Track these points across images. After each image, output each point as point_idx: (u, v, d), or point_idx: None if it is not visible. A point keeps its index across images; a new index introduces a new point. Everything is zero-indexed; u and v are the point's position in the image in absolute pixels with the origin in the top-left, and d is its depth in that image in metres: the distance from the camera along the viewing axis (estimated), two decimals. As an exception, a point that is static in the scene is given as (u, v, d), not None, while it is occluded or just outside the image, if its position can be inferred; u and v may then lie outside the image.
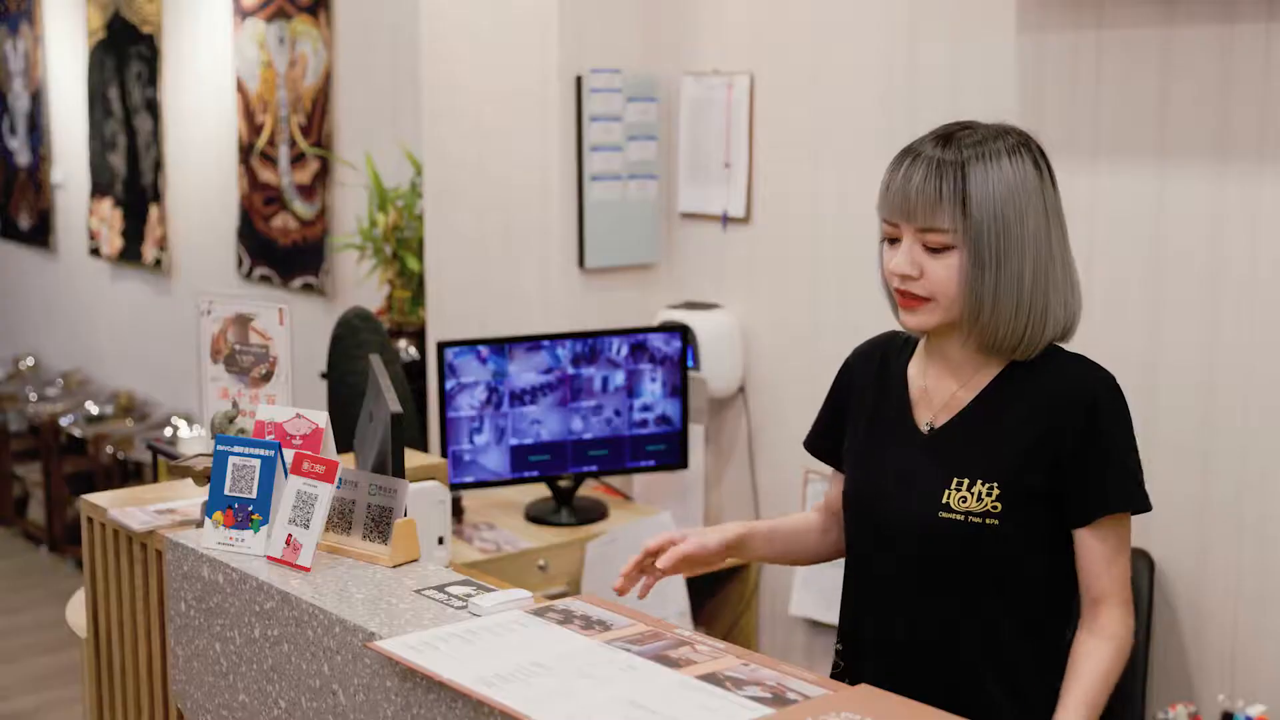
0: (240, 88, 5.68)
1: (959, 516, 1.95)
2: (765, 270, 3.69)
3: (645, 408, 3.57)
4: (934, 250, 1.95)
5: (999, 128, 2.00)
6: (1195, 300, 2.87)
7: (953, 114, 3.21)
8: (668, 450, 3.60)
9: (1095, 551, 1.94)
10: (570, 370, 3.50)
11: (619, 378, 3.55)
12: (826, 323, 3.54)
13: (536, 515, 3.58)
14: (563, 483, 3.60)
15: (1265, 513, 2.81)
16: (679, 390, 3.58)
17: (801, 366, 3.62)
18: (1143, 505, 1.97)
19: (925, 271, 1.96)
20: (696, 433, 3.64)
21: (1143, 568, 2.90)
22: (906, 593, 2.01)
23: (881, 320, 3.40)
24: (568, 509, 3.57)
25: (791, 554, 2.27)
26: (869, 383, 2.16)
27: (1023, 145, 1.99)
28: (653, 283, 3.90)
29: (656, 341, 3.56)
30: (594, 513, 3.59)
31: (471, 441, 3.45)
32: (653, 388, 3.57)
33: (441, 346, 3.43)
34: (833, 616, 3.56)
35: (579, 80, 3.69)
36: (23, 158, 7.50)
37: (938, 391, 2.05)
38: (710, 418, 3.79)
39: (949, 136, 1.98)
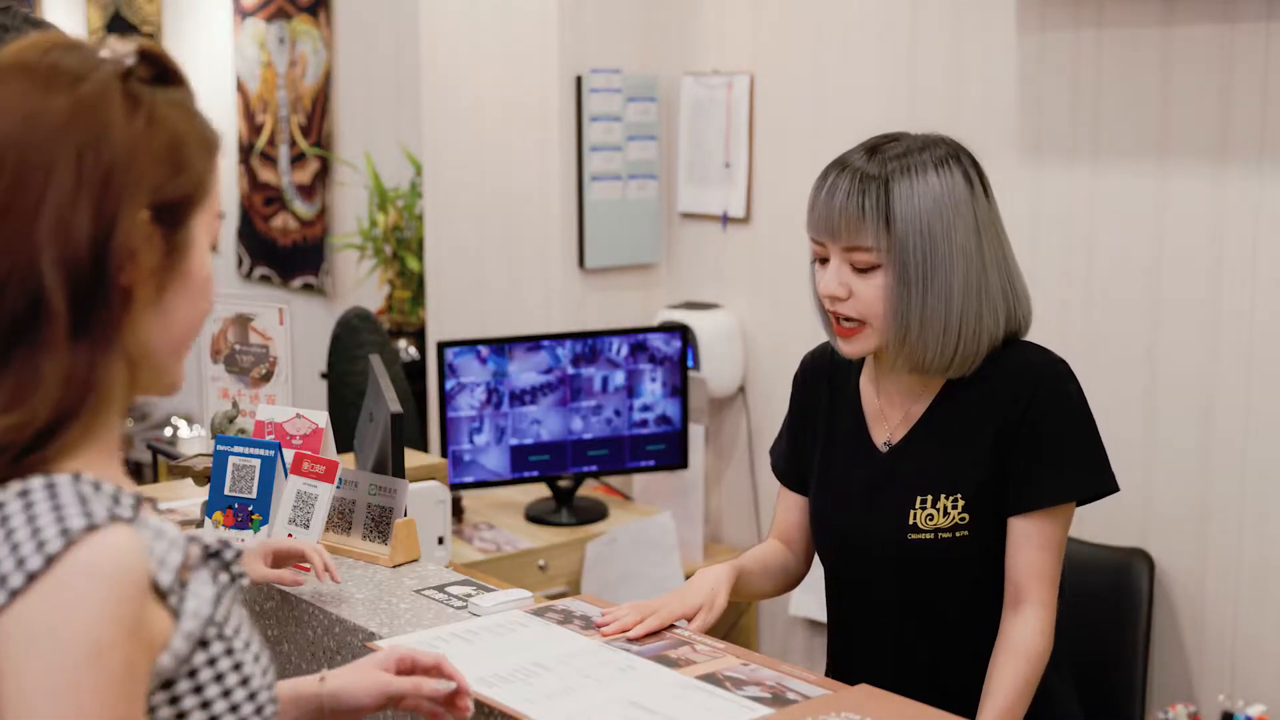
0: (240, 88, 5.68)
1: (928, 535, 1.89)
2: (765, 270, 3.69)
3: (645, 408, 3.57)
4: (861, 270, 1.88)
5: (927, 138, 1.93)
6: (1195, 300, 2.87)
7: (953, 114, 3.22)
8: (668, 450, 3.60)
9: (1020, 546, 1.87)
10: (570, 370, 3.50)
11: (619, 378, 3.54)
12: (826, 323, 3.54)
13: (536, 515, 3.58)
14: (563, 483, 3.60)
15: (1265, 513, 2.81)
16: (679, 390, 3.58)
17: (801, 366, 3.62)
18: (1089, 492, 1.89)
19: (854, 292, 1.89)
20: (696, 433, 3.64)
21: (1143, 568, 2.90)
22: (888, 617, 1.97)
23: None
24: (568, 509, 3.57)
25: (777, 588, 2.19)
26: (822, 398, 2.08)
27: (951, 157, 1.91)
28: (653, 283, 3.90)
29: (656, 341, 3.56)
30: (594, 513, 3.59)
31: (471, 441, 3.45)
32: (653, 388, 3.57)
33: (441, 346, 3.43)
34: (833, 616, 3.56)
35: (579, 80, 3.69)
36: (23, 158, 7.51)
37: (891, 409, 1.98)
38: (710, 418, 3.79)
39: (874, 149, 1.91)
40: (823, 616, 3.59)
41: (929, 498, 1.90)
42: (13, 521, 1.01)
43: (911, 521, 1.90)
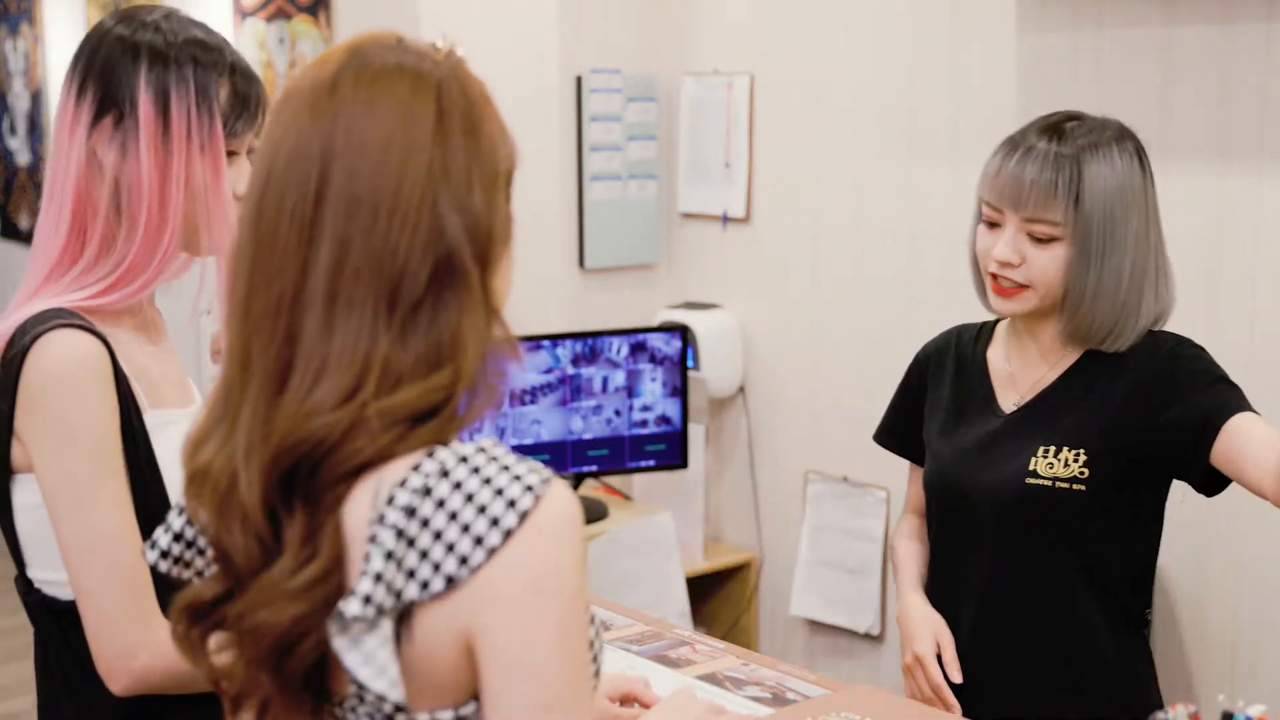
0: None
1: (1046, 482, 1.96)
2: (765, 270, 3.69)
3: (645, 408, 3.57)
4: (1039, 240, 1.96)
5: (1105, 121, 2.01)
6: (1195, 300, 2.87)
7: (953, 114, 3.22)
8: (668, 450, 3.60)
9: (1249, 437, 1.91)
10: (570, 370, 3.50)
11: (619, 378, 3.55)
12: (826, 323, 3.54)
13: (536, 515, 3.58)
14: (563, 483, 3.60)
15: (1265, 513, 2.81)
16: (679, 390, 3.58)
17: (801, 366, 3.62)
18: (1246, 404, 1.98)
19: (1027, 260, 1.97)
20: (696, 433, 3.64)
21: (1143, 568, 2.90)
22: (991, 564, 2.02)
23: (881, 319, 3.41)
24: (568, 509, 3.57)
25: None
26: (946, 375, 2.17)
27: (1130, 140, 2.00)
28: (653, 283, 3.90)
29: (656, 341, 3.56)
30: (594, 513, 3.59)
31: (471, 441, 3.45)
32: (653, 388, 3.57)
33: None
34: (833, 616, 3.57)
35: (579, 80, 3.69)
36: (23, 158, 7.51)
37: (1024, 375, 2.07)
38: (710, 418, 3.79)
39: (1058, 128, 1.98)
40: (823, 617, 3.60)
41: (1051, 448, 1.98)
42: (466, 483, 1.07)
43: (1031, 467, 1.97)
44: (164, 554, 1.21)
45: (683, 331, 3.58)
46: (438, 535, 1.05)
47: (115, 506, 1.52)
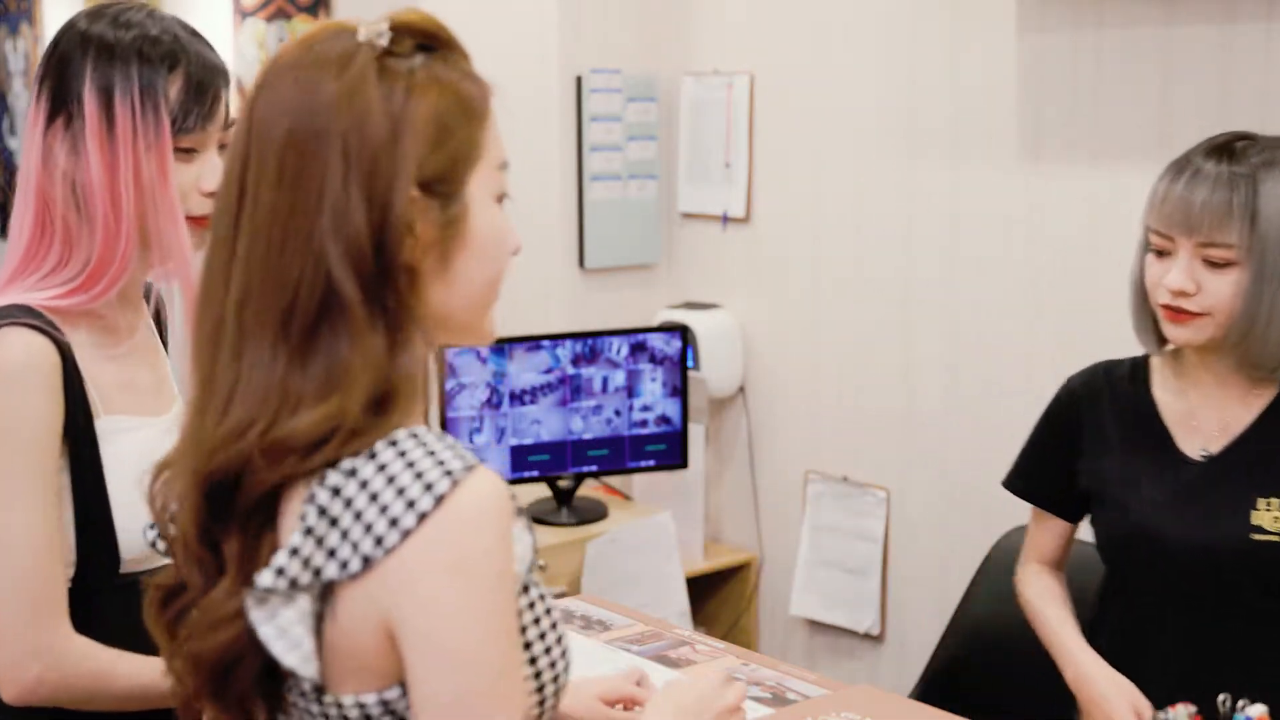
0: (240, 88, 5.69)
1: (1275, 538, 1.84)
2: (765, 270, 3.69)
3: (645, 408, 3.57)
4: (1214, 265, 1.87)
5: (1276, 139, 1.91)
6: (1195, 300, 2.87)
7: (953, 114, 3.22)
8: (668, 450, 3.60)
9: None
10: (570, 370, 3.50)
11: (619, 378, 3.54)
12: (826, 323, 3.54)
13: (536, 515, 3.58)
14: (563, 483, 3.60)
15: (1265, 513, 2.81)
16: (679, 390, 3.58)
17: (801, 366, 3.62)
18: None
19: (1202, 287, 1.88)
20: (696, 433, 3.64)
21: (1143, 568, 2.90)
22: (1201, 625, 1.90)
23: (881, 319, 3.41)
24: (568, 509, 3.57)
25: None
26: (1105, 417, 2.05)
27: None
28: (653, 283, 3.90)
29: (656, 341, 3.56)
30: (594, 513, 3.59)
31: (471, 441, 3.45)
32: (653, 388, 3.57)
33: (442, 346, 3.42)
34: (833, 616, 3.56)
35: (579, 80, 3.69)
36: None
37: (1207, 414, 1.96)
38: (710, 418, 3.79)
39: (1228, 148, 1.89)
40: (823, 617, 3.60)
41: (1273, 500, 1.87)
42: (391, 467, 1.07)
43: (1255, 521, 1.86)
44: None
45: (683, 331, 3.58)
46: (358, 516, 1.06)
47: (29, 510, 1.49)
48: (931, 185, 3.29)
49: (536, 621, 1.16)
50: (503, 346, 3.44)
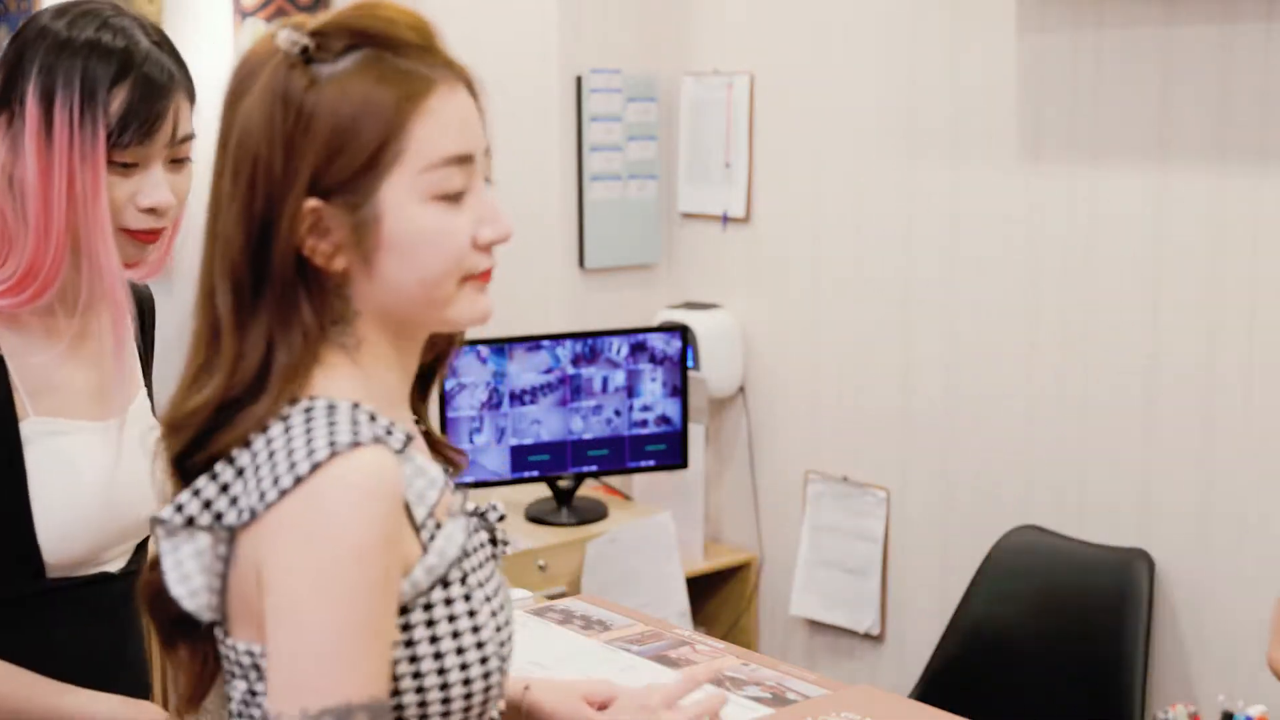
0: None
1: None
2: (765, 270, 3.69)
3: (645, 408, 3.57)
4: None
5: None
6: (1195, 300, 2.87)
7: (953, 114, 3.22)
8: (668, 450, 3.60)
9: None
10: (570, 370, 3.50)
11: (619, 378, 3.54)
12: (826, 323, 3.54)
13: (536, 515, 3.58)
14: (563, 483, 3.60)
15: (1266, 513, 2.82)
16: (679, 390, 3.58)
17: (801, 366, 3.62)
18: None
19: None
20: (696, 433, 3.64)
21: (1143, 568, 2.90)
22: None
23: (881, 319, 3.41)
24: (568, 509, 3.57)
25: None
26: None
27: None
28: (653, 283, 3.90)
29: (656, 341, 3.56)
30: (594, 513, 3.59)
31: (471, 441, 3.45)
32: (653, 388, 3.57)
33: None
34: (833, 617, 3.57)
35: (579, 80, 3.69)
36: (23, 158, 7.50)
37: None
38: (710, 418, 3.79)
39: None
40: (823, 617, 3.60)
41: None
42: (294, 431, 1.11)
43: None
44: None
45: (683, 331, 3.58)
46: (257, 470, 1.12)
47: None
48: (931, 185, 3.29)
49: (452, 619, 1.16)
50: (503, 346, 3.44)
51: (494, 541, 1.28)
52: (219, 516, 1.13)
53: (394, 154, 1.14)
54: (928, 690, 3.06)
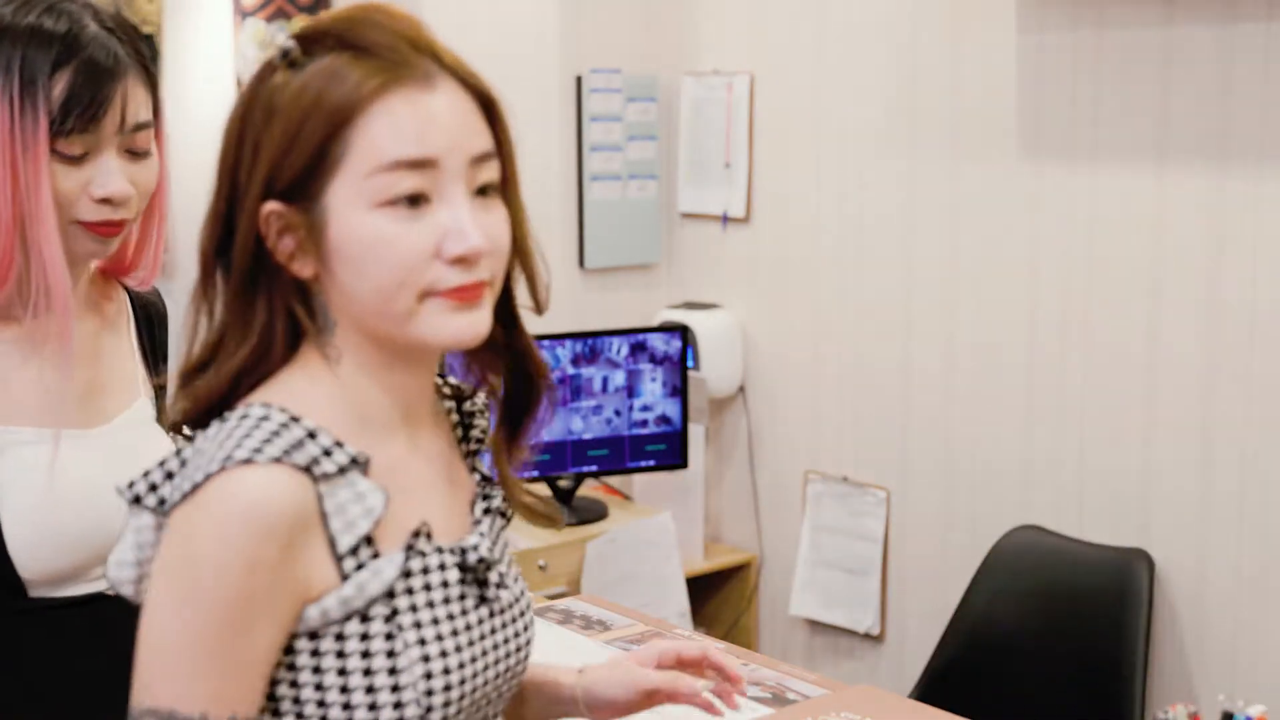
0: (240, 88, 5.68)
1: None
2: (765, 270, 3.69)
3: (645, 408, 3.57)
4: None
5: None
6: (1195, 300, 2.87)
7: (953, 114, 3.22)
8: (668, 450, 3.60)
9: None
10: (570, 370, 3.50)
11: (619, 378, 3.54)
12: (826, 323, 3.54)
13: (536, 515, 3.57)
14: (563, 483, 3.60)
15: (1266, 512, 2.81)
16: (679, 390, 3.58)
17: (801, 366, 3.62)
18: None
19: None
20: (696, 433, 3.64)
21: (1143, 568, 2.90)
22: None
23: (881, 319, 3.41)
24: (568, 509, 3.57)
25: None
26: None
27: None
28: (653, 283, 3.90)
29: (656, 341, 3.56)
30: (594, 513, 3.59)
31: (471, 441, 3.45)
32: (653, 388, 3.57)
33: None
34: (833, 616, 3.56)
35: (579, 80, 3.69)
36: (23, 158, 7.49)
37: None
38: (710, 418, 3.79)
39: None
40: (823, 617, 3.60)
41: None
42: (220, 435, 1.10)
43: None
44: None
45: (683, 331, 3.58)
46: (184, 466, 1.12)
47: None
48: (931, 185, 3.29)
49: (366, 655, 1.11)
50: (503, 346, 3.44)
51: (481, 584, 1.20)
52: (162, 501, 1.13)
53: (338, 154, 1.11)
54: (928, 690, 3.06)
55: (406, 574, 1.14)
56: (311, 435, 1.10)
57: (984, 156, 3.18)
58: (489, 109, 1.21)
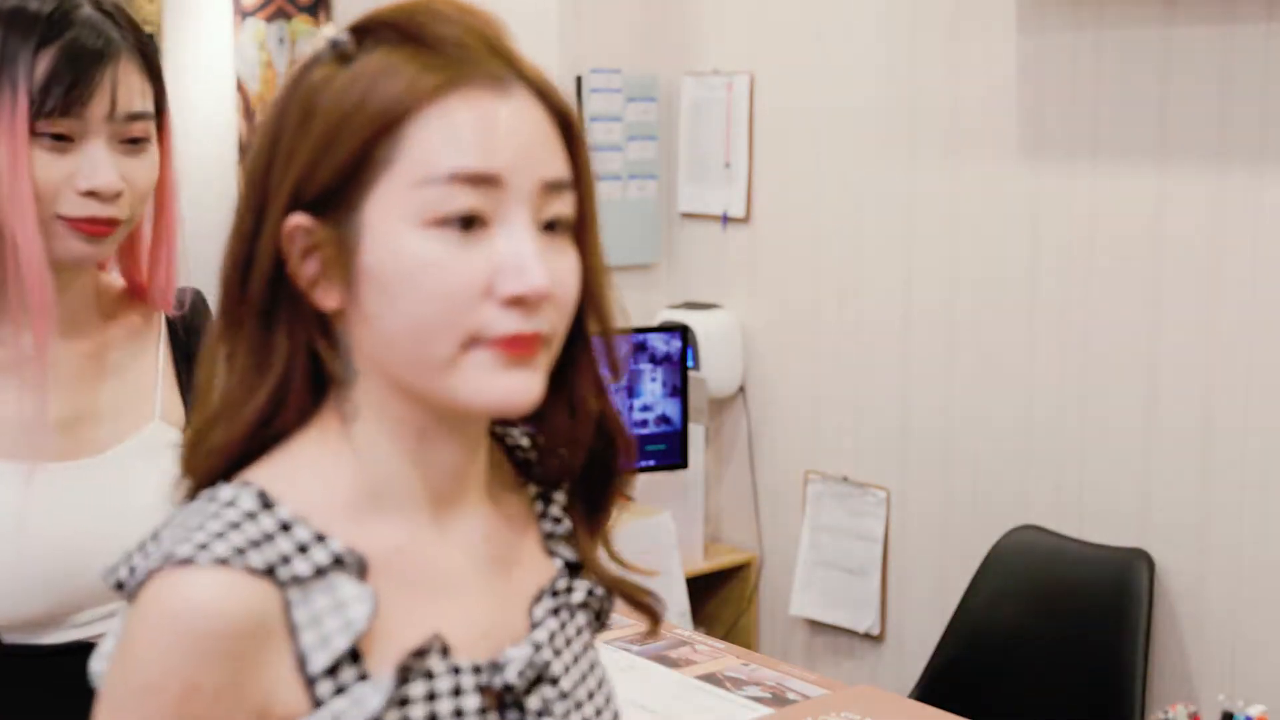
0: (240, 88, 5.68)
1: None
2: (765, 270, 3.69)
3: (645, 408, 3.57)
4: None
5: None
6: (1195, 300, 2.87)
7: (953, 114, 3.22)
8: (668, 450, 3.60)
9: None
10: (570, 370, 3.50)
11: (619, 378, 3.54)
12: (826, 323, 3.54)
13: (536, 515, 3.57)
14: (563, 483, 3.59)
15: (1265, 512, 2.81)
16: (679, 390, 3.58)
17: (801, 366, 3.62)
18: None
19: None
20: (696, 433, 3.64)
21: (1143, 568, 2.90)
22: None
23: (881, 319, 3.41)
24: (568, 509, 3.57)
25: None
26: None
27: None
28: (653, 283, 3.90)
29: (656, 341, 3.56)
30: (594, 513, 3.59)
31: (471, 441, 3.45)
32: (653, 388, 3.57)
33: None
34: (833, 616, 3.56)
35: (579, 80, 3.69)
36: (23, 158, 7.49)
37: None
38: (710, 418, 3.79)
39: None
40: (823, 617, 3.60)
41: None
42: (182, 519, 0.93)
43: None
44: None
45: (683, 331, 3.58)
46: (159, 542, 0.93)
47: None
48: (931, 185, 3.29)
49: None
50: (503, 346, 3.44)
51: (516, 708, 0.96)
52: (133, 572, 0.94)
53: (381, 160, 0.91)
54: (928, 690, 3.06)
55: (403, 701, 0.90)
56: (285, 527, 0.91)
57: (984, 156, 3.18)
58: (568, 131, 0.99)
